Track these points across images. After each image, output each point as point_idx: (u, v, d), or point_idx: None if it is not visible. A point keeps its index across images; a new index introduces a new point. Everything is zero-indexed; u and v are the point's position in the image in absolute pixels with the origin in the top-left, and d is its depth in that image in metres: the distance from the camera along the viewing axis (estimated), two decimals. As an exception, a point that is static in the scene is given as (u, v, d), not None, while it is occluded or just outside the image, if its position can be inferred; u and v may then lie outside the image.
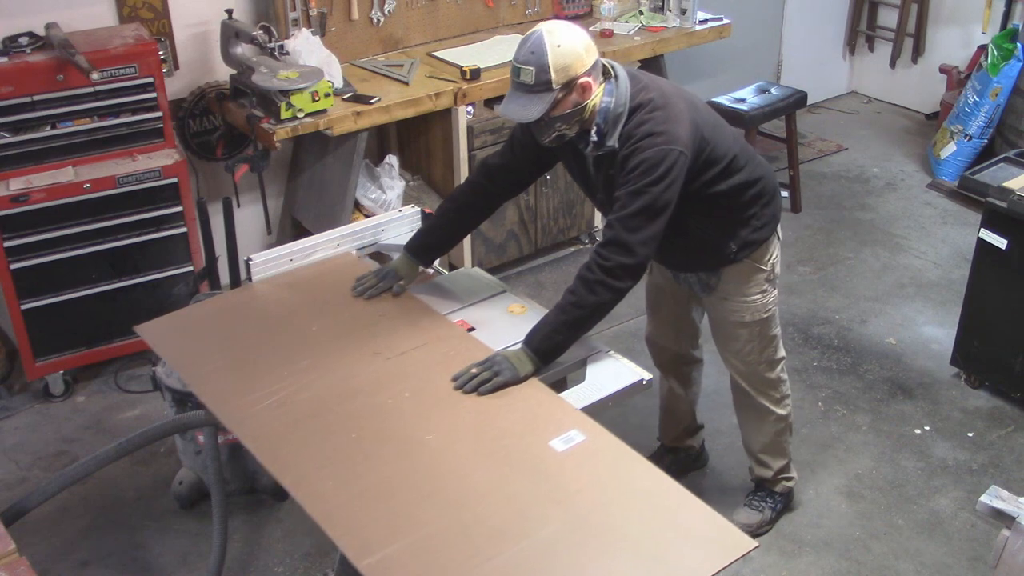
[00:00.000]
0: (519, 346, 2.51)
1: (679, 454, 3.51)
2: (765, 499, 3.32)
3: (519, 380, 2.43)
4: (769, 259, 2.93)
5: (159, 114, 3.77)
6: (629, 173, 2.51)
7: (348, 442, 2.27)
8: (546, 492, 2.10)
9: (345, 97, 3.96)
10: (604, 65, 2.56)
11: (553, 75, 2.42)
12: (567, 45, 2.43)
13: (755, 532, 3.23)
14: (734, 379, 3.15)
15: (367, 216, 4.08)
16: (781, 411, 3.18)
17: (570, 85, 2.46)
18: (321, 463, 2.21)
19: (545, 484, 2.12)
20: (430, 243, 2.89)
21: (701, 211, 2.71)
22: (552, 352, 2.52)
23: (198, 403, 3.14)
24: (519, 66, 2.46)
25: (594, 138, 2.56)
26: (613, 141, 2.55)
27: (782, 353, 3.13)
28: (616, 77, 2.57)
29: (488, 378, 2.42)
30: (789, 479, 3.34)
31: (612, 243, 2.50)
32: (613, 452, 2.23)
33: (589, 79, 2.48)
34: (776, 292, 3.01)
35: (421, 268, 2.91)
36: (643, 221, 2.48)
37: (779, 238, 2.99)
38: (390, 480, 2.15)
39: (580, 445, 2.23)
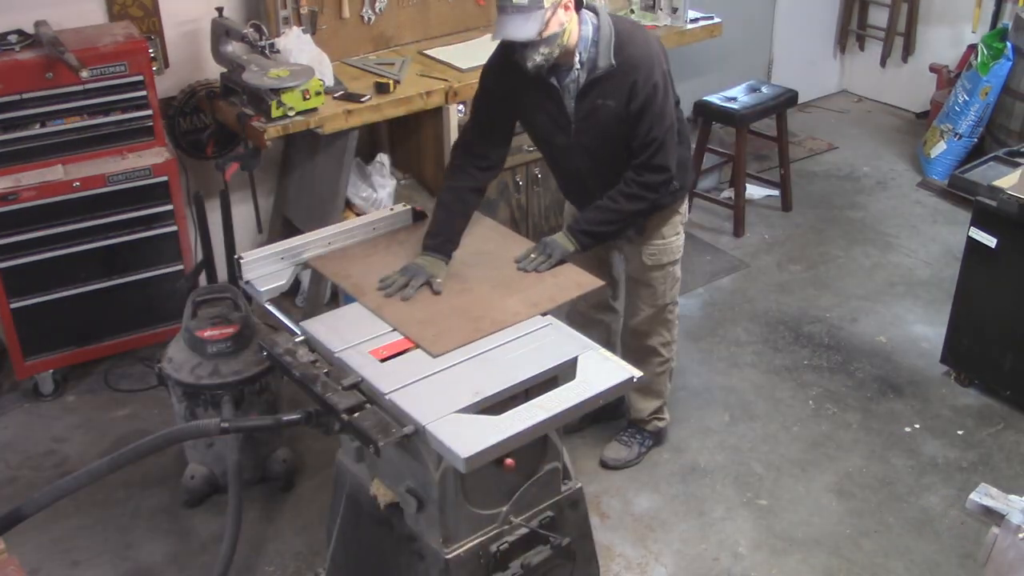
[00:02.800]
0: (562, 231, 2.99)
1: None
2: (635, 435, 3.59)
3: (569, 256, 2.90)
4: (683, 203, 3.30)
5: (149, 112, 3.76)
6: (647, 100, 2.88)
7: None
8: None
9: (336, 95, 3.96)
10: None
11: None
12: None
13: (622, 466, 3.54)
14: (633, 325, 3.41)
15: (358, 215, 4.07)
16: (667, 354, 3.47)
17: (556, 4, 2.75)
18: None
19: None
20: (447, 236, 2.92)
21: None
22: (591, 240, 2.99)
23: (210, 396, 3.13)
24: None
25: (578, 65, 2.90)
26: (608, 60, 2.87)
27: (679, 298, 3.49)
28: (597, 12, 2.91)
29: (543, 260, 2.85)
30: (661, 419, 3.61)
31: (651, 168, 2.96)
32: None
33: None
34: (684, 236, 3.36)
35: (446, 262, 2.87)
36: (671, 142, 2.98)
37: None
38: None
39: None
